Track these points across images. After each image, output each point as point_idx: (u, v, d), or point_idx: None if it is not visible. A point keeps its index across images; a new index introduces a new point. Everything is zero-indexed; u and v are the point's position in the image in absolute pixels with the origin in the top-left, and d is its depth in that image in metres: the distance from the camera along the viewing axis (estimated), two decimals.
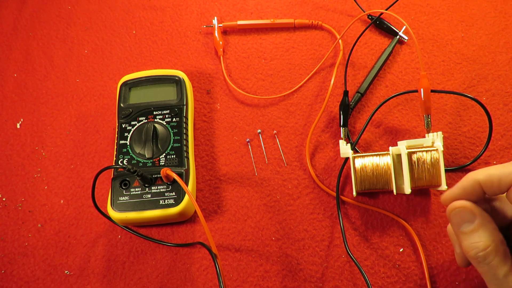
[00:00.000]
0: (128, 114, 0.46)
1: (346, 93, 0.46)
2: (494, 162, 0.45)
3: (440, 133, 0.41)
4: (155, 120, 0.45)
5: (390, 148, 0.41)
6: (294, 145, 0.48)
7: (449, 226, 0.36)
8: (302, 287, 0.41)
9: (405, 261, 0.41)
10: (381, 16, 0.53)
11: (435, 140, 0.41)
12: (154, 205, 0.41)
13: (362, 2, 0.56)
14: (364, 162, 0.41)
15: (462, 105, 0.48)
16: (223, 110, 0.50)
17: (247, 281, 0.42)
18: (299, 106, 0.50)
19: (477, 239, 0.30)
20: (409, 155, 0.40)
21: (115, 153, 0.44)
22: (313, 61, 0.52)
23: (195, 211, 0.44)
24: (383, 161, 0.41)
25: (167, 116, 0.45)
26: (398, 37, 0.52)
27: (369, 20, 0.55)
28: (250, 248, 0.43)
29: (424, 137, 0.44)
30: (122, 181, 0.42)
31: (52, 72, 0.55)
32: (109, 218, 0.41)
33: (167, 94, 0.47)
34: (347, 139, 0.46)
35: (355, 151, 0.46)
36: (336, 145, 0.47)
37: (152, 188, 0.41)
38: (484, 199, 0.33)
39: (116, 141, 0.45)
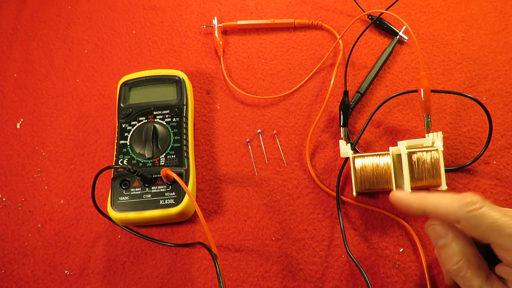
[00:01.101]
0: (128, 114, 0.46)
1: (346, 93, 0.46)
2: (494, 162, 0.45)
3: (440, 133, 0.41)
4: (155, 120, 0.45)
5: (390, 148, 0.41)
6: (294, 145, 0.48)
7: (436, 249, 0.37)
8: (302, 287, 0.41)
9: (405, 261, 0.41)
10: (381, 16, 0.53)
11: (435, 140, 0.41)
12: (154, 205, 0.41)
13: (362, 2, 0.56)
14: (364, 162, 0.41)
15: (462, 105, 0.48)
16: (223, 110, 0.50)
17: (247, 281, 0.42)
18: (299, 106, 0.50)
19: (451, 253, 0.32)
20: (409, 155, 0.40)
21: (115, 153, 0.44)
22: (313, 61, 0.52)
23: (195, 211, 0.44)
24: (383, 161, 0.41)
25: (167, 116, 0.45)
26: (398, 37, 0.52)
27: (369, 20, 0.55)
28: (250, 248, 0.43)
29: (424, 137, 0.44)
30: (122, 181, 0.42)
31: (52, 72, 0.55)
32: (109, 218, 0.41)
33: (167, 94, 0.47)
34: (347, 139, 0.46)
35: (355, 151, 0.46)
36: (336, 145, 0.47)
37: (152, 188, 0.41)
38: None
39: (116, 141, 0.45)
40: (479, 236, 0.30)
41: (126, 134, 0.45)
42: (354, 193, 0.41)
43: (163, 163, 0.43)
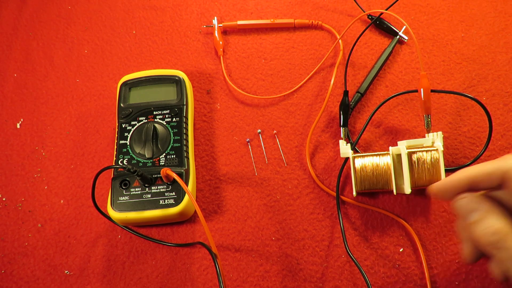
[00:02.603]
0: (128, 114, 0.46)
1: (346, 93, 0.46)
2: None
3: (440, 133, 0.41)
4: (155, 120, 0.45)
5: (390, 148, 0.41)
6: (294, 145, 0.48)
7: (457, 223, 0.36)
8: (302, 287, 0.41)
9: (405, 261, 0.41)
10: (381, 16, 0.53)
11: (435, 140, 0.41)
12: (154, 205, 0.41)
13: (362, 2, 0.56)
14: (364, 162, 0.41)
15: (462, 105, 0.48)
16: (223, 110, 0.50)
17: (247, 281, 0.42)
18: (299, 106, 0.50)
19: (487, 224, 0.30)
20: (409, 155, 0.40)
21: (115, 153, 0.44)
22: (313, 61, 0.52)
23: (195, 211, 0.44)
24: (383, 161, 0.41)
25: (167, 116, 0.45)
26: (398, 37, 0.52)
27: (369, 20, 0.55)
28: (250, 248, 0.43)
29: (424, 137, 0.44)
30: (122, 181, 0.42)
31: (52, 72, 0.55)
32: (109, 218, 0.41)
33: (167, 94, 0.47)
34: (347, 139, 0.46)
35: (355, 151, 0.46)
36: (336, 145, 0.47)
37: (152, 188, 0.41)
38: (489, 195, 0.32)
39: (116, 141, 0.45)
40: None
41: (126, 134, 0.45)
42: (354, 193, 0.41)
43: (163, 163, 0.43)
